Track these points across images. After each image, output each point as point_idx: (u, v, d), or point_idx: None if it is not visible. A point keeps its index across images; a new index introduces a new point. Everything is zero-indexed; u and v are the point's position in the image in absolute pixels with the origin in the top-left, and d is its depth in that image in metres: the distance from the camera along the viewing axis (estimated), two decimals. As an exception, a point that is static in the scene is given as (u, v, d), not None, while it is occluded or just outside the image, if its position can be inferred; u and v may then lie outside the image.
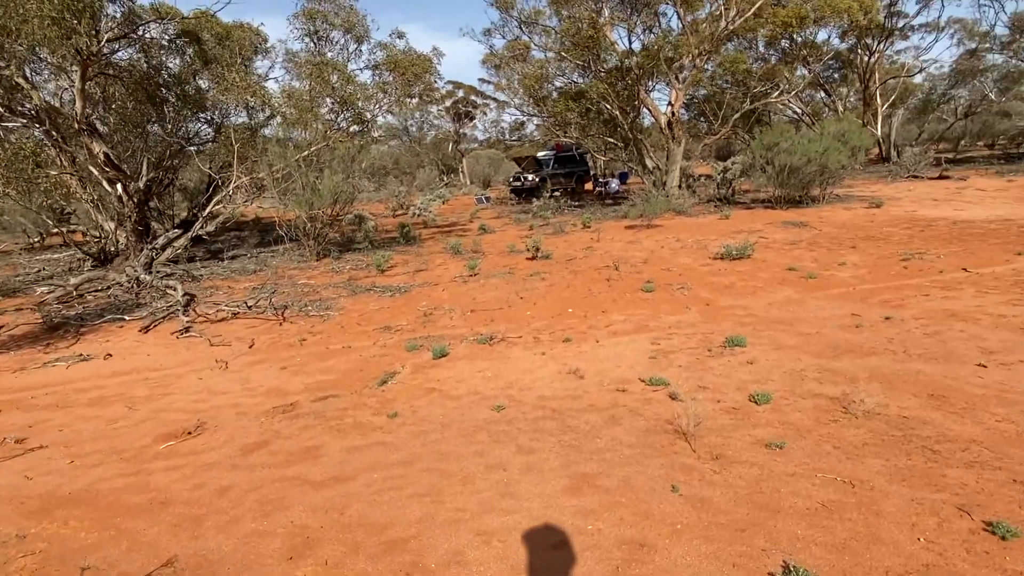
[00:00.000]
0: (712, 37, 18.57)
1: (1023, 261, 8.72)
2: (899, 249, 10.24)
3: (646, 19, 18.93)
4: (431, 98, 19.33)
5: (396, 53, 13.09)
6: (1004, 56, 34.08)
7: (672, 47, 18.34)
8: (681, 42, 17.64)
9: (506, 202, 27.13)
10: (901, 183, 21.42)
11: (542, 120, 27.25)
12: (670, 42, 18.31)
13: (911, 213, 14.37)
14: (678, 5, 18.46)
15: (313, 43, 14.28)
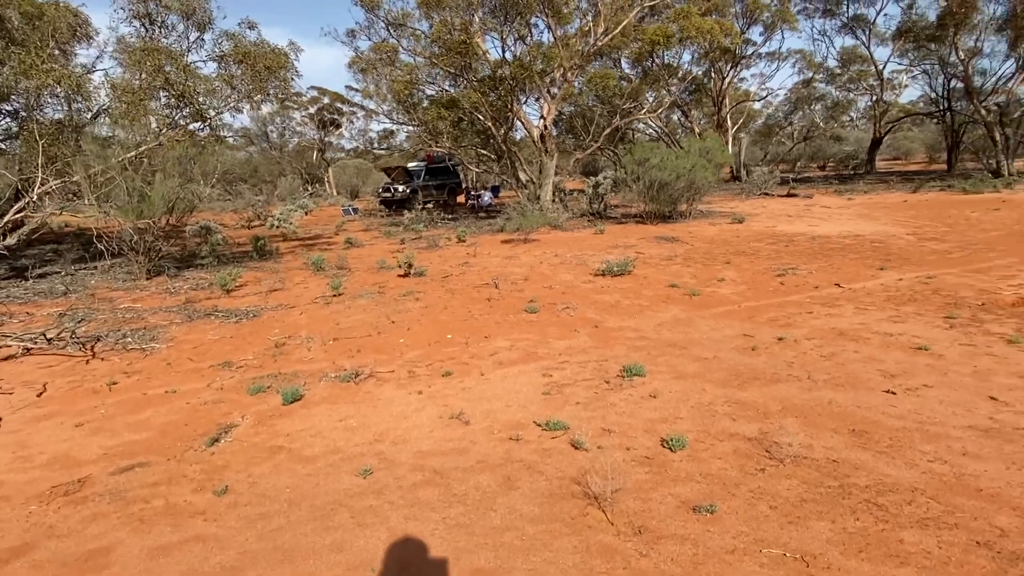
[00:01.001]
0: (582, 53, 18.62)
1: (887, 276, 9.03)
2: (771, 264, 10.38)
3: (518, 28, 18.62)
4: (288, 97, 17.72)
5: (246, 44, 11.60)
6: (832, 87, 37.88)
7: (544, 59, 18.13)
8: (553, 54, 17.48)
9: (375, 214, 25.78)
10: (755, 200, 22.72)
11: (413, 129, 26.25)
12: (543, 53, 18.10)
13: (771, 228, 14.98)
14: (549, 18, 18.32)
15: (145, 27, 12.37)
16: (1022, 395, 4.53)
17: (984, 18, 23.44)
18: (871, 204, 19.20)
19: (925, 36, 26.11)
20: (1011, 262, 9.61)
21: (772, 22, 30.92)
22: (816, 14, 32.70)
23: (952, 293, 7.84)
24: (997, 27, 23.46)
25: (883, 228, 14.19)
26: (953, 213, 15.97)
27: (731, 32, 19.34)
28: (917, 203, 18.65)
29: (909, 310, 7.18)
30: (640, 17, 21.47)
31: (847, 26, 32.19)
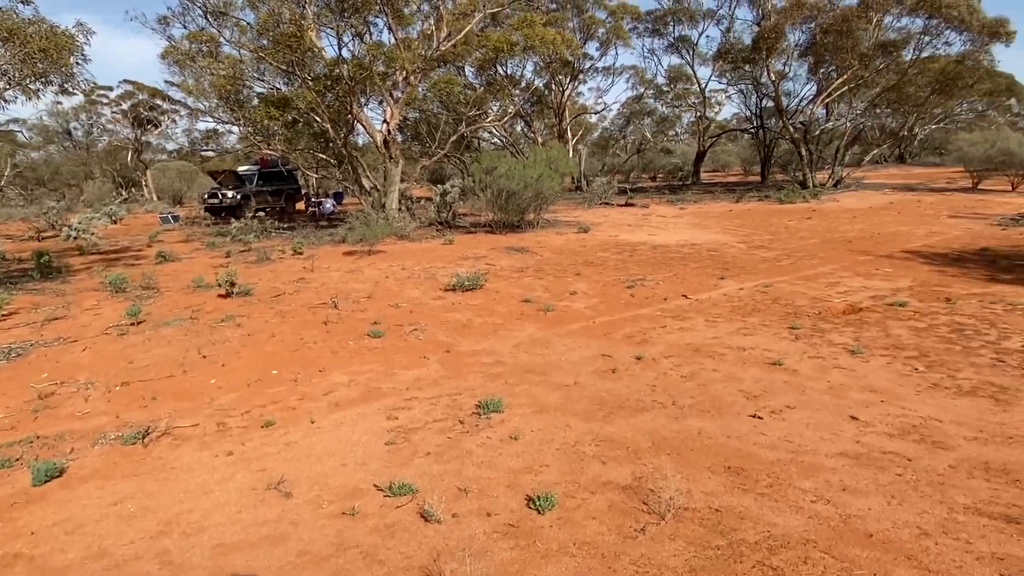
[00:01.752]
0: (425, 57, 17.94)
1: (728, 285, 9.25)
2: (619, 275, 10.33)
3: (356, 25, 17.51)
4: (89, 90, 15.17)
5: (15, 22, 9.47)
6: (660, 103, 40.46)
7: (386, 60, 17.19)
8: (395, 56, 16.60)
9: (200, 222, 23.20)
10: (597, 209, 23.34)
11: (241, 129, 24.00)
12: (384, 54, 17.14)
13: (615, 238, 15.23)
14: (389, 17, 17.42)
15: None
16: (877, 412, 4.49)
17: (790, 44, 26.04)
18: (701, 213, 20.39)
19: (741, 58, 28.52)
20: (832, 269, 10.31)
21: (607, 38, 32.28)
22: (646, 33, 34.69)
23: (790, 302, 8.12)
24: (800, 53, 26.17)
25: (715, 237, 14.94)
26: (774, 222, 17.29)
27: (572, 44, 19.67)
28: (741, 212, 20.08)
29: (755, 321, 7.26)
30: (482, 26, 21.28)
31: (673, 46, 34.43)
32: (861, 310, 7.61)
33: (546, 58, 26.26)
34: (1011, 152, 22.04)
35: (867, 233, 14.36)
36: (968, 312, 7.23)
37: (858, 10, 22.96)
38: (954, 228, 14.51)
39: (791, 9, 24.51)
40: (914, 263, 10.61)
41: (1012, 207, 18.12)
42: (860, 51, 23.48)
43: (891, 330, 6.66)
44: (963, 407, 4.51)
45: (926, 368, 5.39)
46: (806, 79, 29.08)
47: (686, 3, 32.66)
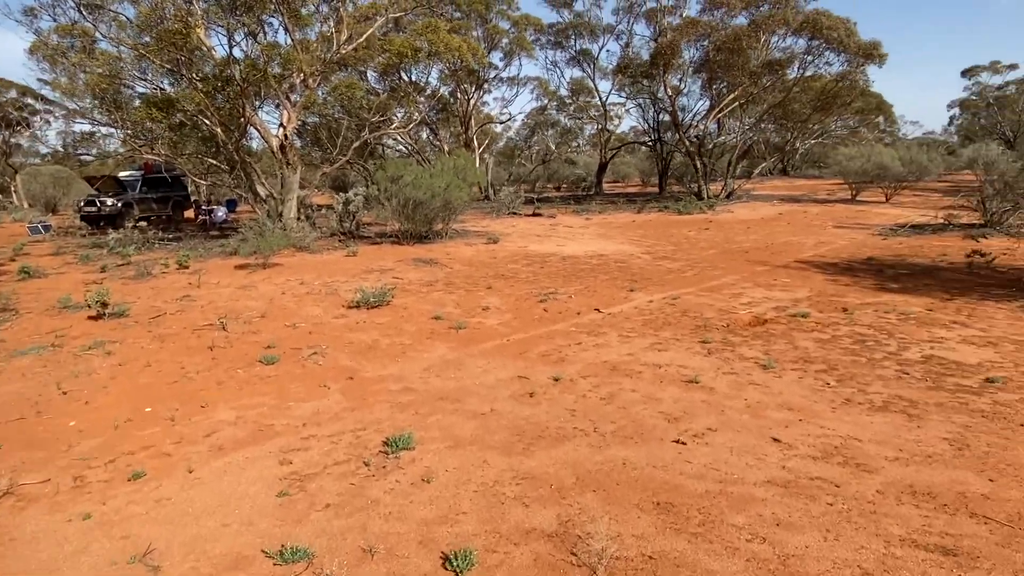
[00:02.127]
0: (324, 59, 17.12)
1: (638, 298, 9.22)
2: (531, 288, 10.10)
3: (250, 24, 16.44)
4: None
5: None
6: (563, 115, 41.13)
7: (282, 61, 16.25)
8: (291, 57, 15.71)
9: (75, 233, 21.08)
10: (505, 219, 23.21)
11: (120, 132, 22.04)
12: (280, 55, 16.19)
13: (524, 249, 15.07)
14: (286, 17, 16.50)
15: None
16: (798, 432, 4.43)
17: (685, 61, 27.13)
18: (606, 224, 20.69)
19: (640, 73, 29.42)
20: (734, 280, 10.56)
21: (511, 49, 32.41)
22: (548, 46, 35.15)
23: (699, 314, 8.16)
24: (695, 69, 27.31)
25: (622, 247, 15.09)
26: (674, 232, 17.75)
27: (477, 52, 19.44)
28: (643, 223, 20.54)
29: (667, 335, 7.20)
30: (385, 31, 20.67)
31: (575, 59, 35.09)
32: (766, 322, 7.75)
33: (451, 66, 25.93)
34: (884, 166, 23.88)
35: (762, 243, 14.96)
36: (866, 322, 7.50)
37: (748, 29, 24.20)
38: (840, 238, 15.41)
39: (686, 27, 25.52)
40: (809, 273, 11.06)
41: (888, 217, 19.56)
42: (750, 69, 24.75)
43: (798, 342, 6.77)
44: (879, 424, 4.53)
45: (837, 382, 5.45)
46: (699, 95, 30.45)
47: (586, 18, 33.40)
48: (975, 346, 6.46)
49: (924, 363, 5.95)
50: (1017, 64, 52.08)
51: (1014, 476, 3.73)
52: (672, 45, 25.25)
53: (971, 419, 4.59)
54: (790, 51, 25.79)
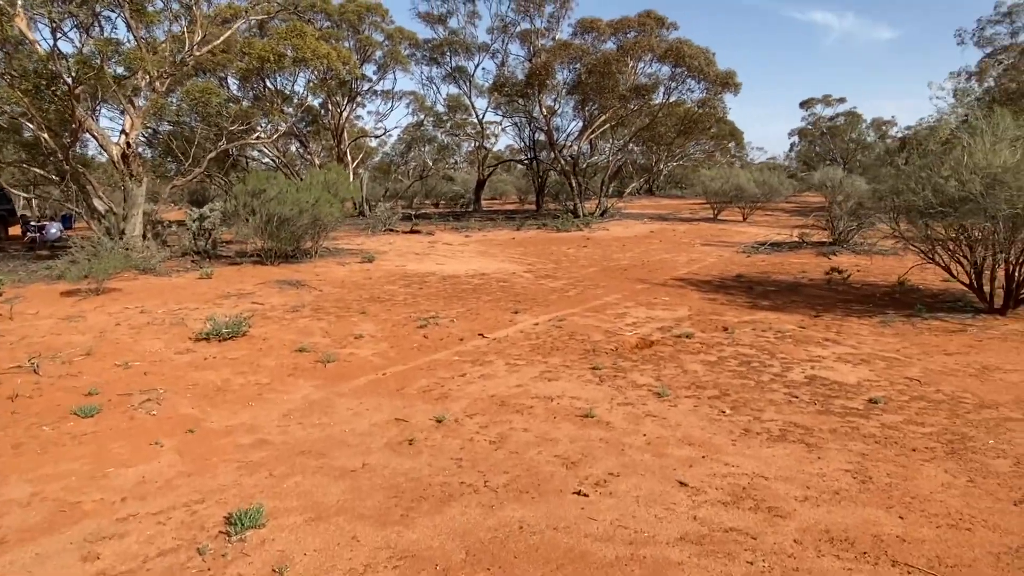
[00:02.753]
0: (174, 61, 15.47)
1: (523, 320, 8.79)
2: (410, 312, 9.40)
3: (80, 15, 14.46)
4: None
5: None
6: (440, 132, 40.71)
7: (124, 61, 14.45)
8: (134, 56, 13.98)
9: None
10: (381, 236, 22.24)
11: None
12: (121, 54, 14.39)
13: (402, 268, 14.30)
14: (128, 13, 14.71)
15: None
16: (703, 472, 4.10)
17: (560, 82, 27.61)
18: (486, 241, 20.36)
19: (516, 92, 29.61)
20: (616, 299, 10.45)
21: (385, 62, 31.56)
22: (424, 61, 34.62)
23: (586, 337, 7.85)
24: (568, 90, 27.87)
25: (503, 265, 14.74)
26: (554, 250, 17.71)
27: (348, 61, 18.47)
28: (523, 240, 20.42)
29: (557, 362, 6.79)
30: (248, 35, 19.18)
31: (451, 75, 34.81)
32: (653, 343, 7.57)
33: (320, 74, 24.64)
34: (741, 187, 25.52)
35: (638, 261, 15.20)
36: (747, 342, 7.52)
37: (617, 54, 25.03)
38: (709, 255, 16.01)
39: (558, 49, 25.99)
40: (686, 291, 11.22)
41: (748, 236, 20.76)
42: (619, 92, 25.59)
43: (687, 365, 6.60)
44: (780, 457, 4.31)
45: (732, 410, 5.25)
46: (572, 116, 31.16)
47: (461, 35, 33.27)
48: (850, 364, 6.59)
49: (809, 384, 5.93)
50: (845, 98, 58.47)
51: (921, 511, 3.58)
52: (546, 66, 25.60)
53: (866, 446, 4.50)
54: (655, 77, 27.03)
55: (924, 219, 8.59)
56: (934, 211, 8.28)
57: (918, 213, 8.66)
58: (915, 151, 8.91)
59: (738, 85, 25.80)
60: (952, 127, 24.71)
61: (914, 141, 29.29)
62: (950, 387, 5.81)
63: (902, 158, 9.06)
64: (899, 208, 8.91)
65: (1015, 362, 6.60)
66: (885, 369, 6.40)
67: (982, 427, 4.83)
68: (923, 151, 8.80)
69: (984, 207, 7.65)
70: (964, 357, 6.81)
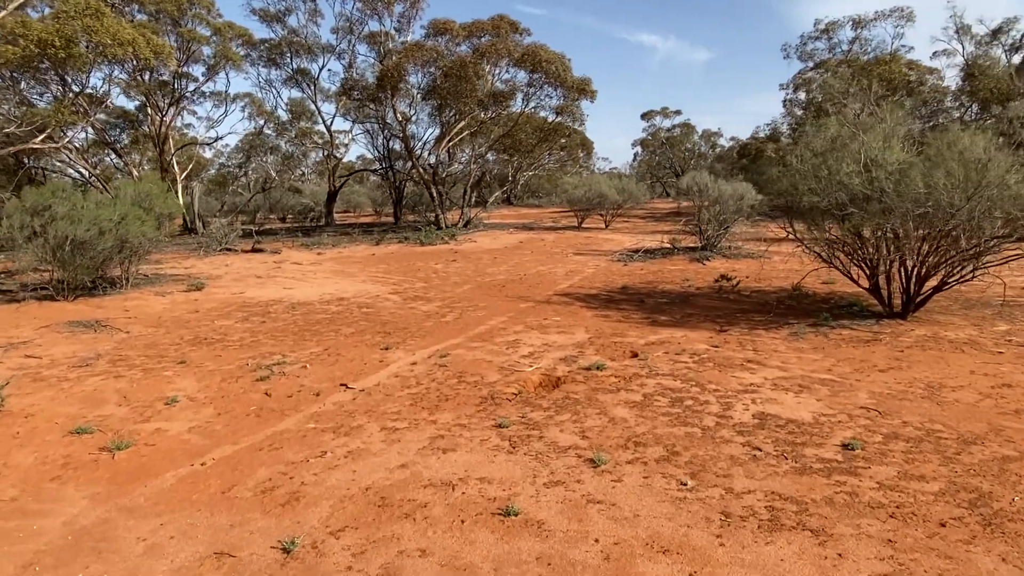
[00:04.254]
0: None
1: (397, 358, 7.07)
2: (248, 357, 7.35)
3: None
4: None
5: None
6: (283, 140, 37.39)
7: None
8: None
9: None
10: (216, 257, 19.27)
11: None
12: None
13: (240, 296, 11.95)
14: None
15: None
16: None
17: (414, 85, 25.93)
18: (343, 259, 18.21)
19: (367, 96, 27.52)
20: (502, 322, 9.05)
21: (215, 60, 28.08)
22: (261, 62, 31.36)
23: (479, 377, 6.33)
24: (424, 95, 26.25)
25: (365, 287, 12.85)
26: (420, 265, 16.04)
27: (162, 50, 15.55)
28: (385, 256, 18.52)
29: (449, 419, 5.21)
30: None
31: (292, 78, 31.85)
32: (560, 381, 6.23)
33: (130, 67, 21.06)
34: (603, 194, 25.35)
35: (515, 275, 13.96)
36: (666, 371, 6.39)
37: (474, 57, 23.88)
38: (585, 266, 15.15)
39: (411, 50, 24.35)
40: (575, 308, 10.08)
41: (615, 243, 20.35)
42: (478, 97, 24.46)
43: (610, 410, 5.29)
44: (791, 561, 3.08)
45: (694, 480, 3.98)
46: (428, 123, 29.65)
47: (302, 35, 30.51)
48: (791, 393, 5.64)
49: (762, 427, 4.85)
50: (680, 110, 62.05)
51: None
52: (398, 68, 23.86)
53: (883, 525, 3.39)
54: (512, 83, 26.22)
55: (825, 220, 8.04)
56: (836, 211, 7.72)
57: (818, 213, 8.09)
58: (802, 150, 8.36)
59: (594, 92, 25.63)
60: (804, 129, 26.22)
61: (754, 146, 31.06)
62: (914, 417, 4.97)
63: (796, 156, 8.46)
64: (796, 209, 8.31)
65: (953, 375, 6.01)
66: (831, 397, 5.50)
67: (988, 476, 3.93)
68: (811, 150, 8.26)
69: (891, 205, 7.14)
70: (900, 373, 6.14)
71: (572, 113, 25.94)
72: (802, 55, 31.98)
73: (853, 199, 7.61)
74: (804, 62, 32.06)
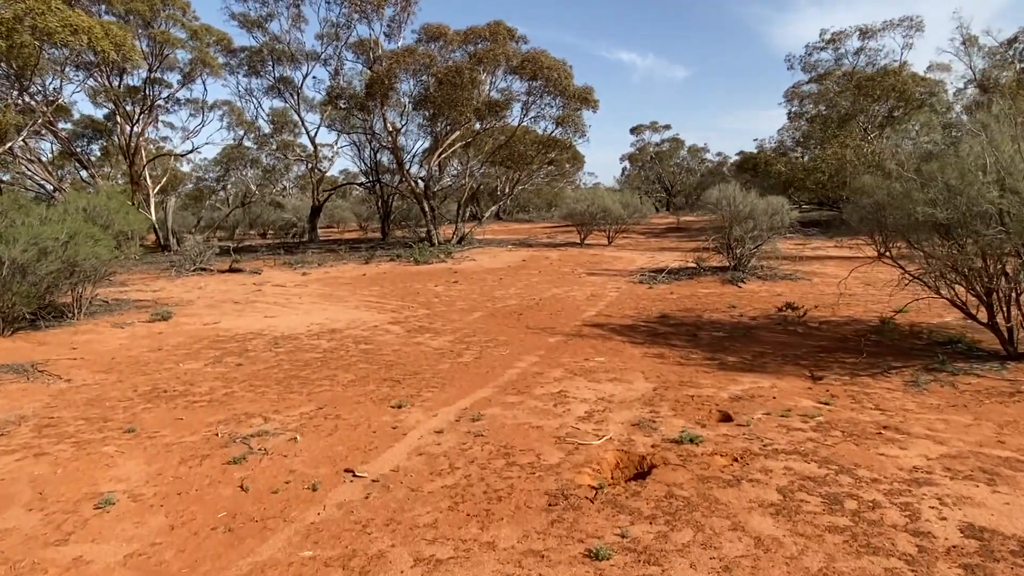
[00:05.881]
0: None
1: (415, 422, 5.35)
2: (217, 419, 5.61)
3: None
4: None
5: None
6: (264, 153, 35.53)
7: None
8: None
9: None
10: (189, 279, 17.39)
11: None
12: None
13: (213, 328, 10.17)
14: None
15: None
16: None
17: (406, 93, 24.33)
18: (330, 280, 16.44)
19: (354, 105, 25.88)
20: (534, 363, 7.38)
21: (192, 66, 26.28)
22: (241, 70, 29.56)
23: (532, 456, 4.65)
24: (416, 104, 24.64)
25: (359, 315, 11.12)
26: (419, 288, 14.34)
27: (123, 43, 13.79)
28: (377, 276, 16.78)
29: (511, 539, 3.52)
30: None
31: (274, 87, 30.05)
32: (646, 462, 4.57)
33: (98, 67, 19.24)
34: (607, 208, 23.87)
35: (528, 299, 12.32)
36: (785, 445, 4.76)
37: (470, 63, 22.37)
38: (605, 288, 13.55)
39: (403, 55, 22.76)
40: (616, 343, 8.45)
41: (626, 262, 18.83)
42: (475, 106, 22.93)
43: (746, 522, 3.64)
44: None
45: None
46: (418, 134, 28.06)
47: (285, 42, 28.73)
48: (982, 485, 4.04)
49: (990, 554, 3.23)
50: (670, 125, 61.21)
51: None
52: (389, 74, 22.25)
53: None
54: (509, 92, 24.74)
55: (941, 239, 6.51)
56: (963, 229, 6.19)
57: (929, 230, 6.56)
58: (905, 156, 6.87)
59: (596, 102, 24.21)
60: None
61: (762, 159, 29.83)
62: None
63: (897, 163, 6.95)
64: (898, 226, 6.76)
65: None
66: (1043, 491, 3.91)
67: None
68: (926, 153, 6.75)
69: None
70: (1103, 448, 4.57)
71: (574, 123, 24.46)
72: (806, 66, 30.93)
73: (981, 215, 6.09)
74: (808, 73, 31.00)
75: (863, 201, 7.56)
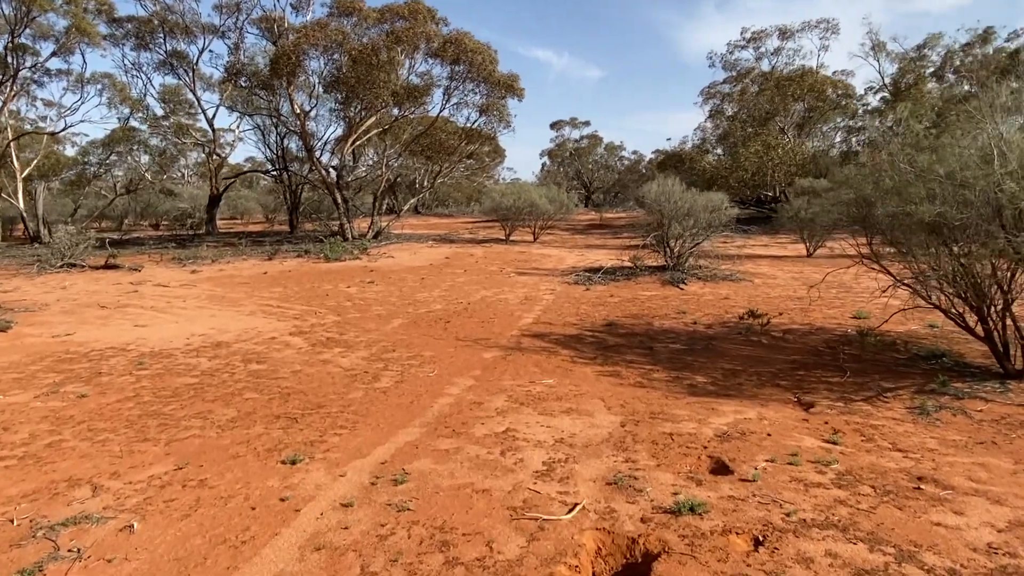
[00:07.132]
0: None
1: (315, 496, 3.84)
2: (21, 488, 3.91)
3: None
4: None
5: None
6: (156, 136, 32.04)
7: None
8: None
9: None
10: (52, 276, 14.81)
11: None
12: None
13: (64, 341, 8.16)
14: None
15: None
16: None
17: (316, 72, 22.13)
18: (224, 279, 14.36)
19: (257, 83, 23.44)
20: (469, 388, 5.99)
21: (68, 36, 23.02)
22: (127, 42, 26.27)
23: (483, 548, 3.28)
24: (327, 86, 22.52)
25: (254, 323, 9.35)
26: (329, 289, 12.60)
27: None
28: (280, 275, 14.84)
29: None
30: None
31: (166, 62, 26.92)
32: (639, 546, 3.31)
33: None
34: (534, 203, 22.72)
35: (455, 303, 10.91)
36: (811, 512, 3.61)
37: (388, 40, 20.58)
38: (538, 290, 12.31)
39: (313, 29, 20.69)
40: (562, 358, 7.20)
41: (555, 259, 17.73)
42: (392, 88, 21.16)
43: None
44: None
45: None
46: (330, 118, 25.93)
47: (178, 13, 25.75)
48: (1086, 572, 3.02)
49: None
50: (589, 121, 61.10)
51: None
52: (296, 49, 20.13)
53: None
54: (428, 77, 23.12)
55: (941, 243, 5.63)
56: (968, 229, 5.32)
57: (923, 230, 5.68)
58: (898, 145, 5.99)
59: (522, 90, 22.98)
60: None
61: (686, 155, 29.60)
62: None
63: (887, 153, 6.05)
64: (902, 227, 5.84)
65: None
66: None
67: None
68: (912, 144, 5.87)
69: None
70: None
71: (499, 112, 23.11)
72: (726, 64, 30.99)
73: (990, 215, 5.24)
74: (728, 71, 31.07)
75: (844, 195, 6.63)
